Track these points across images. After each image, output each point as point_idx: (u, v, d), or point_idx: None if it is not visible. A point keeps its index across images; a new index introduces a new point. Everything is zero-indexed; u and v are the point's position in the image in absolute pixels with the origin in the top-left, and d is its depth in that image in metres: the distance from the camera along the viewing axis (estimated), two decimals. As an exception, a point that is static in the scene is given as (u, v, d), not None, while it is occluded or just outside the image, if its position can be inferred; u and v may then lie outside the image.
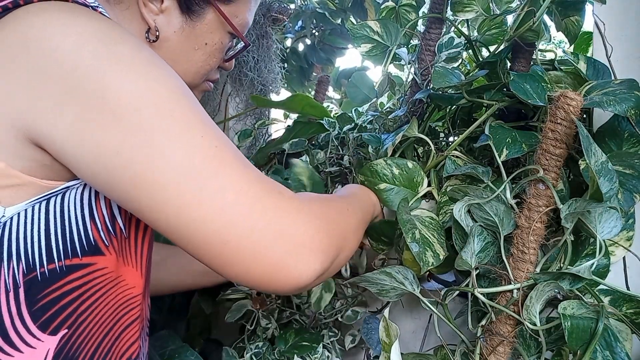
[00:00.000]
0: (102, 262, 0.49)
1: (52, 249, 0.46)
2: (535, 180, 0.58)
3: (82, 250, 0.47)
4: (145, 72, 0.43)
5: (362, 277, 0.66)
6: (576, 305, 0.54)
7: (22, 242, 0.44)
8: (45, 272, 0.45)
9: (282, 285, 0.45)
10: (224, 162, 0.44)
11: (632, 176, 0.58)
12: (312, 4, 1.63)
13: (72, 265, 0.47)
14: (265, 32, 1.20)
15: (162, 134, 0.42)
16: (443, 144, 0.87)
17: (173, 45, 0.58)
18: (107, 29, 0.44)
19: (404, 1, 0.89)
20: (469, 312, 0.63)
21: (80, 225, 0.47)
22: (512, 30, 0.73)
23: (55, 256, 0.46)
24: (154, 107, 0.42)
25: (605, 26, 0.67)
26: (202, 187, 0.42)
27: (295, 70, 1.78)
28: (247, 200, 0.43)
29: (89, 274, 0.48)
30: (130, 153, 0.41)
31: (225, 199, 0.43)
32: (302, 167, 0.84)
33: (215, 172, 0.43)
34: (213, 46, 0.60)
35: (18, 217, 0.44)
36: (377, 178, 0.72)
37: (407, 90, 0.92)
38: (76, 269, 0.47)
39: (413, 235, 0.63)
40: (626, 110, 0.54)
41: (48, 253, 0.45)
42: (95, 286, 0.49)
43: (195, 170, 0.42)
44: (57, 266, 0.46)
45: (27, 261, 0.44)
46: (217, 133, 0.45)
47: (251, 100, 1.16)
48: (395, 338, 0.58)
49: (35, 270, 0.45)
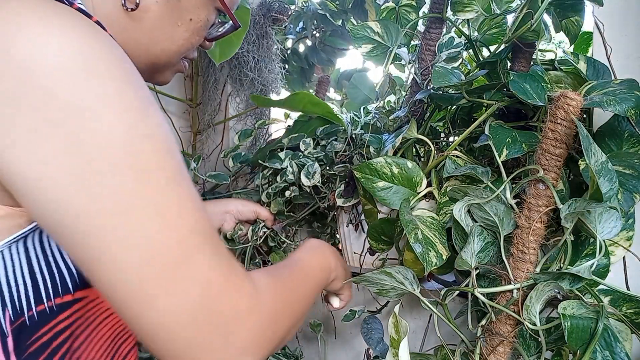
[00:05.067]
0: (95, 292, 0.45)
1: (39, 288, 0.41)
2: (535, 180, 0.58)
3: (73, 285, 0.43)
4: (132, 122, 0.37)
5: (362, 277, 0.66)
6: (576, 305, 0.54)
7: (6, 287, 0.40)
8: (34, 315, 0.41)
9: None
10: (197, 248, 0.40)
11: (632, 176, 0.58)
12: (313, 5, 1.63)
13: (64, 303, 0.42)
14: (265, 32, 1.20)
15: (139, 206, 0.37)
16: (443, 144, 0.87)
17: (153, 17, 0.50)
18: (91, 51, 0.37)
19: (404, 1, 0.89)
20: (469, 312, 0.63)
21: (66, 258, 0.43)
22: (511, 32, 0.73)
23: (44, 296, 0.41)
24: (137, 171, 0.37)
25: (605, 26, 0.67)
26: (168, 277, 0.38)
27: (296, 71, 1.78)
28: (208, 297, 0.40)
29: (81, 308, 0.44)
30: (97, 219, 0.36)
31: (188, 294, 0.38)
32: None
33: (186, 261, 0.39)
34: (198, 23, 0.54)
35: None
36: (376, 176, 0.72)
37: (408, 90, 0.92)
38: (68, 306, 0.43)
39: (416, 236, 0.63)
40: (626, 110, 0.54)
41: (36, 294, 0.41)
42: (88, 319, 0.45)
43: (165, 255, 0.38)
44: (46, 307, 0.41)
45: (13, 307, 0.40)
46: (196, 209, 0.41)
47: (251, 100, 1.16)
48: (404, 334, 0.58)
49: (23, 315, 0.40)
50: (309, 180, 0.92)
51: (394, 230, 0.75)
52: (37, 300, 0.41)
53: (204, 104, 1.27)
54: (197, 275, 0.39)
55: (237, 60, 1.19)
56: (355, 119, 1.00)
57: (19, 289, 0.40)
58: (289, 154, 0.98)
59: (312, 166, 0.93)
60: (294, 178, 0.95)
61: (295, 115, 1.17)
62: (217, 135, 1.30)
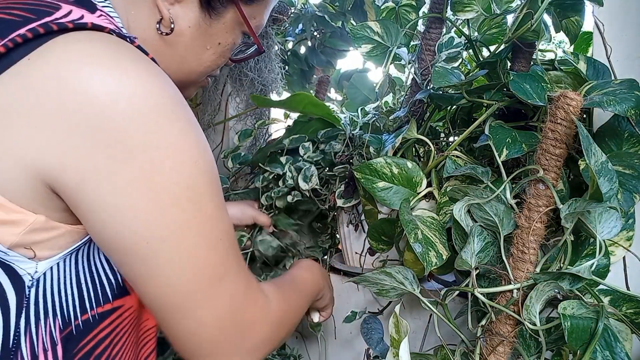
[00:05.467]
0: (129, 301, 0.49)
1: (84, 298, 0.45)
2: (535, 180, 0.58)
3: (112, 294, 0.47)
4: (195, 160, 0.42)
5: (362, 277, 0.66)
6: (576, 305, 0.54)
7: (57, 296, 0.43)
8: (80, 324, 0.44)
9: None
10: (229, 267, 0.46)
11: (632, 176, 0.58)
12: (312, 7, 1.63)
13: (105, 312, 0.46)
14: (265, 32, 1.20)
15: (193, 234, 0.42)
16: (443, 144, 0.87)
17: (185, 41, 0.53)
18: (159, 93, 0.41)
19: (404, 1, 0.89)
20: (469, 312, 0.63)
21: (107, 269, 0.46)
22: (511, 32, 0.73)
23: (87, 306, 0.45)
24: (194, 204, 0.42)
25: (605, 26, 0.67)
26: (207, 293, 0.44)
27: (296, 72, 1.78)
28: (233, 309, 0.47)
29: (118, 316, 0.48)
30: (158, 244, 0.41)
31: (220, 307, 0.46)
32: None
33: (221, 279, 0.45)
34: (225, 46, 0.57)
35: (51, 272, 0.43)
36: (375, 176, 0.72)
37: (408, 90, 0.92)
38: (108, 315, 0.47)
39: (416, 236, 0.63)
40: (626, 110, 0.54)
41: (81, 304, 0.44)
42: (124, 327, 0.49)
43: (208, 275, 0.44)
44: (89, 316, 0.45)
45: (62, 316, 0.43)
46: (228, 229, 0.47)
47: (251, 100, 1.16)
48: (405, 334, 0.58)
49: (71, 325, 0.44)
50: (307, 183, 0.93)
51: (394, 231, 0.75)
52: (82, 310, 0.45)
53: (203, 104, 1.27)
54: (228, 291, 0.46)
55: (237, 61, 1.19)
56: (353, 119, 1.00)
57: (67, 299, 0.44)
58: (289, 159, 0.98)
59: (308, 170, 0.94)
60: (293, 183, 0.96)
61: (295, 115, 1.17)
62: (217, 135, 1.30)
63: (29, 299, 0.41)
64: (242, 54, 0.63)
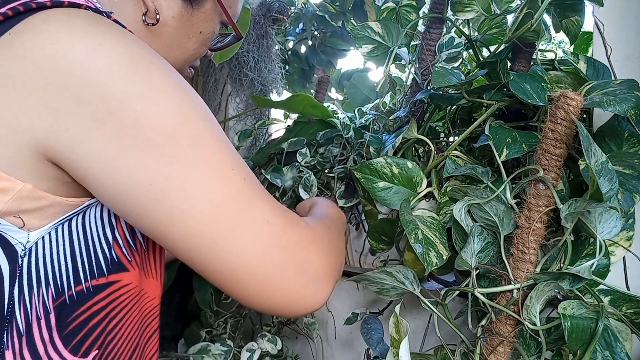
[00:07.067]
0: (127, 278, 0.49)
1: (78, 270, 0.45)
2: (535, 180, 0.58)
3: (107, 269, 0.47)
4: (180, 100, 0.43)
5: (362, 277, 0.66)
6: (576, 305, 0.54)
7: (50, 266, 0.43)
8: (74, 294, 0.44)
9: (300, 312, 0.48)
10: (254, 194, 0.45)
11: (632, 176, 0.58)
12: (312, 7, 1.63)
13: (99, 285, 0.46)
14: (265, 32, 1.20)
15: (199, 167, 0.42)
16: (443, 144, 0.87)
17: (169, 31, 0.57)
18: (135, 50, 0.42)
19: (404, 1, 0.89)
20: (469, 312, 0.63)
21: (103, 243, 0.47)
22: (511, 32, 0.73)
23: (82, 277, 0.45)
24: (191, 139, 0.42)
25: (605, 26, 0.67)
26: (237, 221, 0.43)
27: (296, 72, 1.79)
28: (275, 234, 0.45)
29: (115, 291, 0.48)
30: (165, 185, 0.41)
31: (258, 233, 0.44)
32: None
33: (249, 206, 0.44)
34: (206, 35, 0.60)
35: (43, 241, 0.43)
36: (376, 176, 0.72)
37: (408, 90, 0.92)
38: (103, 288, 0.46)
39: (416, 236, 0.63)
40: (626, 110, 0.54)
41: (75, 275, 0.44)
42: (122, 303, 0.49)
43: (231, 204, 0.43)
44: (84, 287, 0.45)
45: (55, 285, 0.43)
46: (242, 162, 0.46)
47: (251, 100, 1.16)
48: (405, 334, 0.58)
49: (64, 294, 0.44)
50: (308, 193, 0.92)
51: (394, 231, 0.75)
52: (76, 281, 0.44)
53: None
54: (262, 216, 0.45)
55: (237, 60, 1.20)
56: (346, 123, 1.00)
57: (61, 269, 0.44)
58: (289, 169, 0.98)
59: (308, 179, 0.93)
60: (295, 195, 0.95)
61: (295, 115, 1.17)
62: (217, 135, 1.30)
63: (21, 268, 0.42)
64: (220, 44, 0.67)
